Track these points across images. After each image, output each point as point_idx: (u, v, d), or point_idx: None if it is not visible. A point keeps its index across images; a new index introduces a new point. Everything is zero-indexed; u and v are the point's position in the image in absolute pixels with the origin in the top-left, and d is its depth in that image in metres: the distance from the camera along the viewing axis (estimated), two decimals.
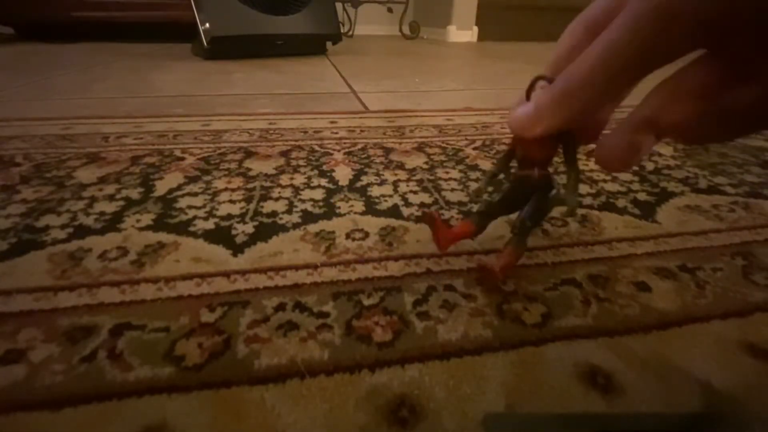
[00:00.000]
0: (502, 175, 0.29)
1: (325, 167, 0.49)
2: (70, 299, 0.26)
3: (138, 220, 0.37)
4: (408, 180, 0.46)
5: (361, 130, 0.65)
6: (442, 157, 0.54)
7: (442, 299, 0.27)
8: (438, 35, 2.85)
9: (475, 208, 0.40)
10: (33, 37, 2.12)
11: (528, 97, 0.23)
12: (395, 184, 0.45)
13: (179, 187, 0.43)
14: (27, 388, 0.20)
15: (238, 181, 0.45)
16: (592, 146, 0.22)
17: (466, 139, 0.61)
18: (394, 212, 0.39)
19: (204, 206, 0.39)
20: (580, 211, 0.40)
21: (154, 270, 0.30)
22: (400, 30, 2.97)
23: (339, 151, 0.55)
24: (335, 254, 0.32)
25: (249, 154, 0.54)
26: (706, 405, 0.20)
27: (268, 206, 0.40)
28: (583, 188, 0.45)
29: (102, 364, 0.22)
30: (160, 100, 0.85)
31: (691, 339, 0.24)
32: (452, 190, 0.44)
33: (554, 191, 0.27)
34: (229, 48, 1.50)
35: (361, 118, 0.73)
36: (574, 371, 0.22)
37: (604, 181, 0.47)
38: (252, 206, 0.39)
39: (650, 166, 0.52)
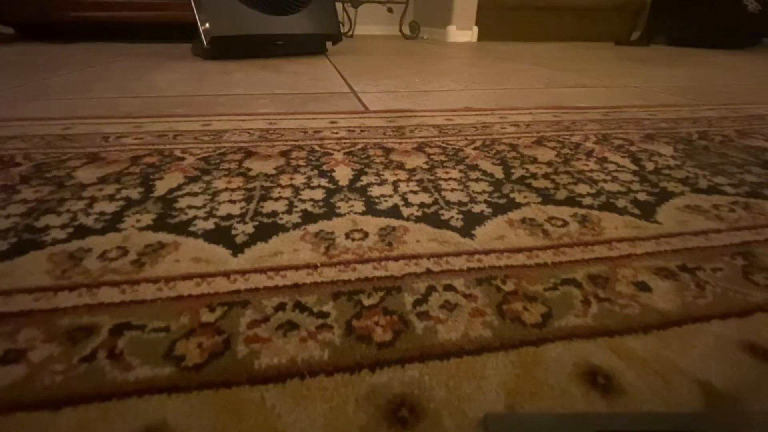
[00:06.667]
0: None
1: (325, 167, 0.49)
2: (70, 299, 0.26)
3: (138, 220, 0.37)
4: (408, 180, 0.46)
5: (361, 130, 0.65)
6: (442, 157, 0.54)
7: (442, 299, 0.27)
8: (438, 35, 2.85)
9: (475, 208, 0.40)
10: (33, 37, 2.11)
11: None
12: (395, 184, 0.45)
13: (179, 187, 0.43)
14: (27, 388, 0.20)
15: (238, 181, 0.45)
16: (591, 146, 0.22)
17: (466, 139, 0.61)
18: (394, 212, 0.39)
19: (204, 206, 0.39)
20: (580, 212, 0.40)
21: (154, 270, 0.30)
22: (400, 30, 2.97)
23: (339, 151, 0.55)
24: (335, 254, 0.32)
25: (249, 154, 0.54)
26: (706, 405, 0.20)
27: (268, 206, 0.39)
28: (583, 188, 0.45)
29: (102, 364, 0.22)
30: (160, 100, 0.85)
31: (691, 339, 0.24)
32: (452, 190, 0.44)
33: None
34: (229, 48, 1.50)
35: (361, 118, 0.73)
36: (574, 371, 0.22)
37: (604, 181, 0.47)
38: (252, 206, 0.39)
39: (650, 166, 0.52)
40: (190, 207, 0.39)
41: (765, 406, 0.21)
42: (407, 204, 0.40)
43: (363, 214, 0.38)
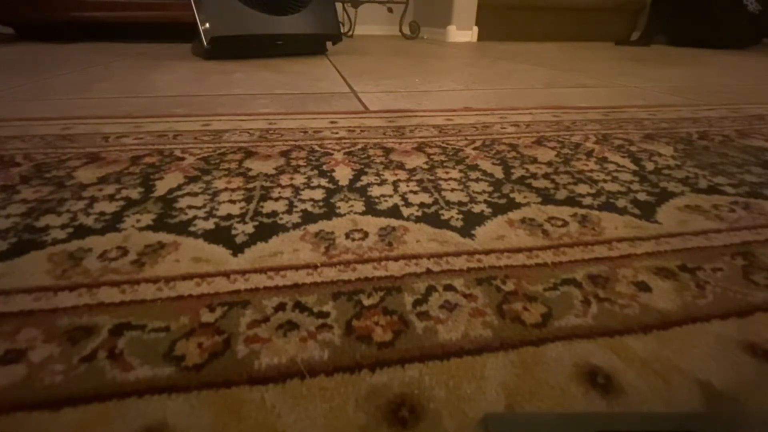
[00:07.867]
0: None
1: (325, 167, 0.49)
2: (70, 299, 0.26)
3: (138, 220, 0.37)
4: (408, 180, 0.46)
5: (361, 130, 0.65)
6: (442, 157, 0.54)
7: (442, 299, 0.27)
8: (438, 35, 2.85)
9: (475, 208, 0.40)
10: (33, 37, 2.11)
11: None
12: (395, 184, 0.45)
13: (179, 187, 0.43)
14: (27, 388, 0.20)
15: (238, 181, 0.45)
16: (591, 146, 0.22)
17: (466, 139, 0.61)
18: (394, 212, 0.39)
19: (204, 206, 0.39)
20: (580, 212, 0.40)
21: (154, 270, 0.30)
22: (400, 30, 2.97)
23: (339, 151, 0.55)
24: (335, 254, 0.32)
25: (249, 154, 0.54)
26: (706, 405, 0.20)
27: (268, 206, 0.39)
28: (583, 188, 0.45)
29: (102, 364, 0.22)
30: (160, 100, 0.85)
31: (691, 339, 0.24)
32: (452, 190, 0.44)
33: None
34: (229, 48, 1.50)
35: (361, 118, 0.73)
36: (574, 371, 0.22)
37: (604, 181, 0.47)
38: (252, 206, 0.39)
39: (650, 166, 0.52)
40: (190, 207, 0.39)
41: (765, 406, 0.21)
42: (407, 204, 0.40)
43: (363, 214, 0.38)
